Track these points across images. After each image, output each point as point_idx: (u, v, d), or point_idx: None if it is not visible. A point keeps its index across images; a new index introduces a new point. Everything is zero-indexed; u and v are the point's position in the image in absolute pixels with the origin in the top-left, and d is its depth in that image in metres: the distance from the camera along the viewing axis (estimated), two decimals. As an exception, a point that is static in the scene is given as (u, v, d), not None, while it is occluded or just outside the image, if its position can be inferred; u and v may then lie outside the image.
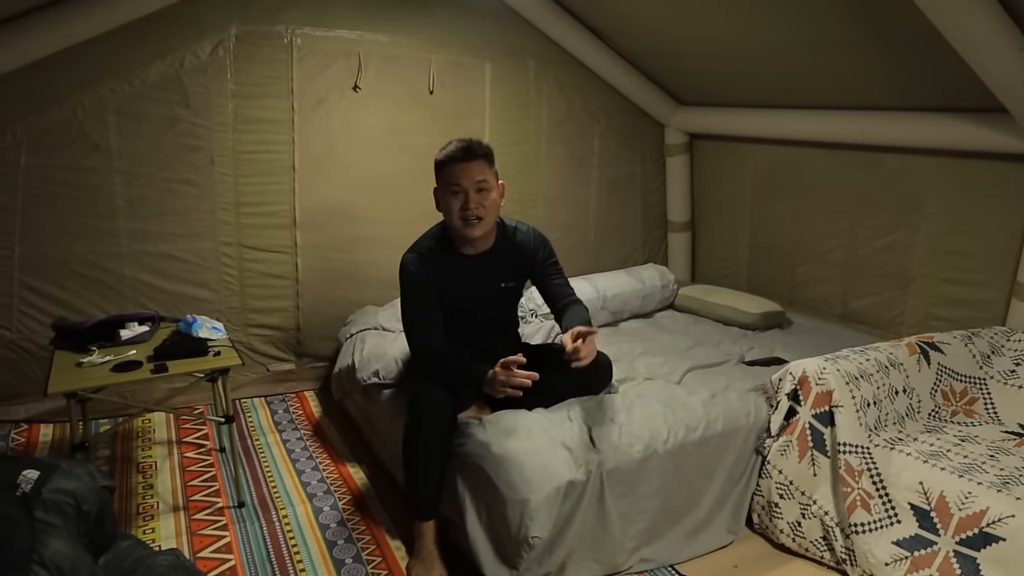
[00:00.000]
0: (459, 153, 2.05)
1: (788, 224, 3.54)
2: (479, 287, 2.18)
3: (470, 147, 2.06)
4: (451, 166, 2.05)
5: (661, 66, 3.65)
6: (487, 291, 2.21)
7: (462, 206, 2.04)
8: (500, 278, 2.22)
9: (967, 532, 1.75)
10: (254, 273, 3.06)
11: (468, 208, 2.04)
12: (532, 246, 2.24)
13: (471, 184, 2.03)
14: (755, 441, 2.24)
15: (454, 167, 2.04)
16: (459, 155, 2.05)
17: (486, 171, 2.07)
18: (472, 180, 2.03)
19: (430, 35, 3.22)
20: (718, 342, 2.99)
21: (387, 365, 2.51)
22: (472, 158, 2.05)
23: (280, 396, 3.18)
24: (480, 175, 2.05)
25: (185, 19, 2.74)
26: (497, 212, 2.14)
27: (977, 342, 2.36)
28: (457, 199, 2.05)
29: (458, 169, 2.04)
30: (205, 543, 2.09)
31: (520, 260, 2.23)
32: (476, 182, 2.04)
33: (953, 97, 2.60)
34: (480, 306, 2.21)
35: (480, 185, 2.04)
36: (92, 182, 2.72)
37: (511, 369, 1.92)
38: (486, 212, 2.07)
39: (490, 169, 2.09)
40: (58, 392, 1.97)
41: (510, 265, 2.22)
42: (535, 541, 1.82)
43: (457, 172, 2.04)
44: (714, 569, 2.07)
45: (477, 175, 2.04)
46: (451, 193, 2.05)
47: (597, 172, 3.84)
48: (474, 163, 2.04)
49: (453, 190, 2.05)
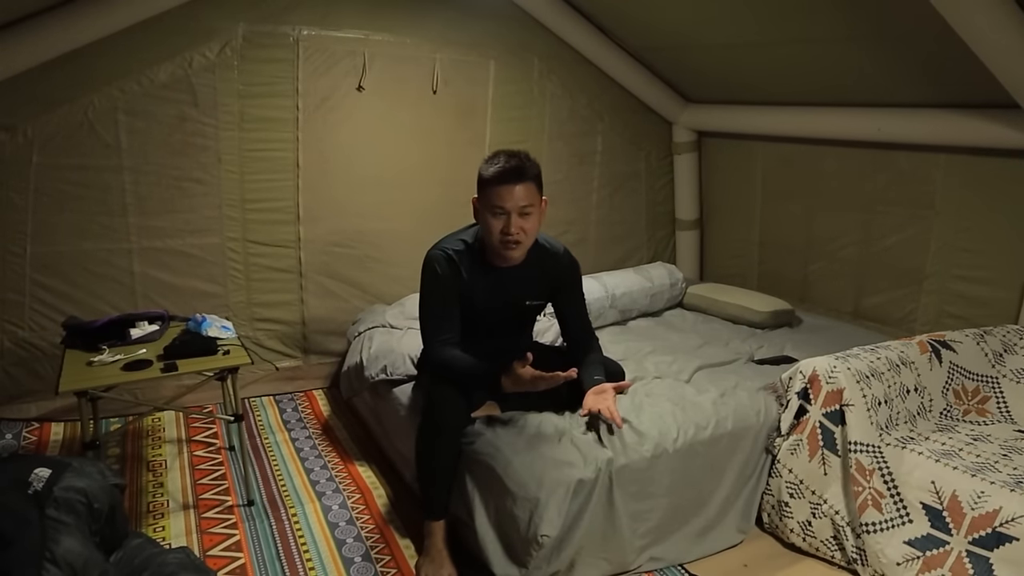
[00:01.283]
0: (509, 175, 1.90)
1: (798, 222, 3.52)
2: (504, 300, 2.11)
3: (521, 168, 1.91)
4: (496, 186, 1.90)
5: (669, 63, 3.63)
6: (510, 305, 2.14)
7: (503, 229, 1.93)
8: (526, 295, 2.14)
9: (980, 532, 1.74)
10: (259, 267, 3.08)
11: (509, 233, 1.93)
12: (563, 268, 2.16)
13: (515, 208, 1.91)
14: (765, 440, 2.23)
15: (499, 188, 1.90)
16: (509, 176, 1.90)
17: (533, 194, 1.94)
18: (517, 204, 1.91)
19: (434, 34, 3.21)
20: (727, 341, 2.97)
21: (395, 361, 2.51)
22: (521, 180, 1.90)
23: (289, 395, 3.19)
24: (526, 199, 1.92)
25: (193, 20, 2.75)
26: (536, 233, 2.03)
27: (989, 340, 2.34)
28: (499, 221, 1.93)
29: (504, 191, 1.90)
30: (215, 541, 2.10)
31: (549, 279, 2.15)
32: (521, 207, 1.91)
33: (966, 94, 2.57)
34: (500, 318, 2.15)
35: (525, 210, 1.92)
36: (102, 180, 2.74)
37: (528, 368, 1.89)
38: (527, 236, 1.96)
39: (537, 191, 1.96)
40: (69, 391, 1.98)
41: (539, 283, 2.14)
42: (544, 540, 1.81)
43: (503, 194, 1.90)
44: (724, 568, 2.06)
45: (523, 199, 1.91)
46: (493, 214, 1.93)
47: (600, 170, 3.83)
48: (522, 185, 1.91)
49: (496, 211, 1.92)
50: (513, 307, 2.16)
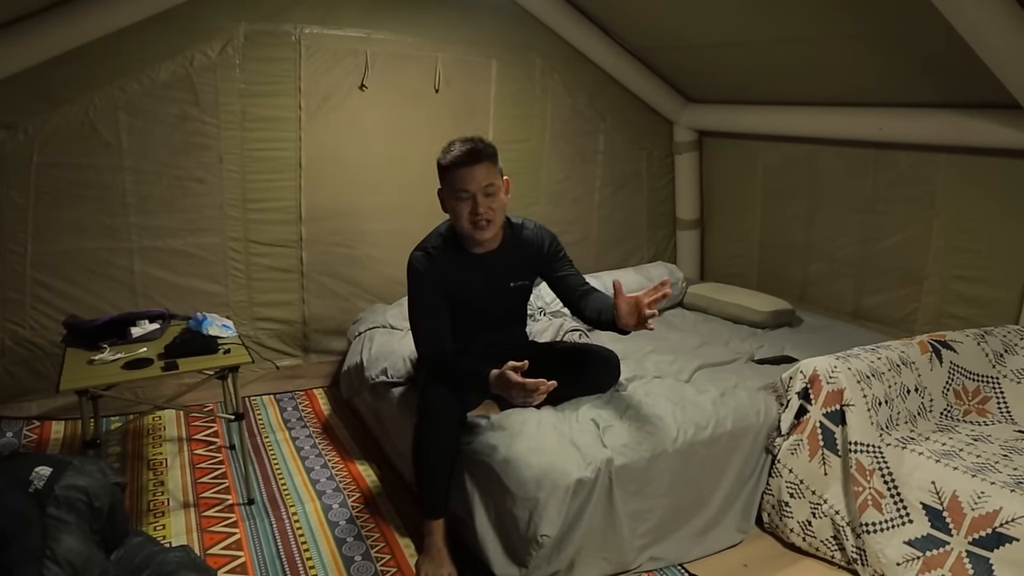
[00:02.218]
0: (464, 157, 1.97)
1: (799, 221, 3.52)
2: (488, 286, 2.15)
3: (475, 149, 1.98)
4: (457, 170, 1.98)
5: (670, 62, 3.63)
6: (496, 290, 2.18)
7: (471, 211, 1.99)
8: (509, 277, 2.18)
9: (980, 532, 1.74)
10: (260, 267, 3.08)
11: (478, 213, 1.99)
12: (539, 242, 2.20)
13: (479, 188, 1.98)
14: (765, 440, 2.23)
15: (460, 171, 1.97)
16: (464, 159, 1.97)
17: (492, 173, 2.01)
18: (479, 184, 1.97)
19: (436, 33, 3.21)
20: (727, 340, 2.98)
21: (395, 363, 2.51)
22: (478, 160, 1.97)
23: (289, 394, 3.19)
24: (487, 178, 1.98)
25: (195, 18, 2.75)
26: (504, 211, 2.09)
27: (990, 340, 2.34)
28: (466, 204, 1.99)
29: (464, 173, 1.97)
30: (215, 540, 2.10)
31: (529, 257, 2.20)
32: (484, 186, 1.98)
33: (967, 93, 2.57)
34: (489, 305, 2.19)
35: (488, 189, 1.99)
36: (103, 179, 2.74)
37: (518, 375, 1.89)
38: (495, 214, 2.02)
39: (495, 169, 2.03)
40: (70, 389, 1.98)
41: (519, 263, 2.19)
42: (544, 539, 1.82)
43: (464, 177, 1.97)
44: (724, 568, 2.07)
45: (484, 179, 1.98)
46: (458, 198, 1.99)
47: (602, 170, 3.83)
48: (480, 166, 1.98)
49: (460, 195, 1.99)
50: (500, 291, 2.19)
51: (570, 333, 2.79)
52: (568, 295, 2.24)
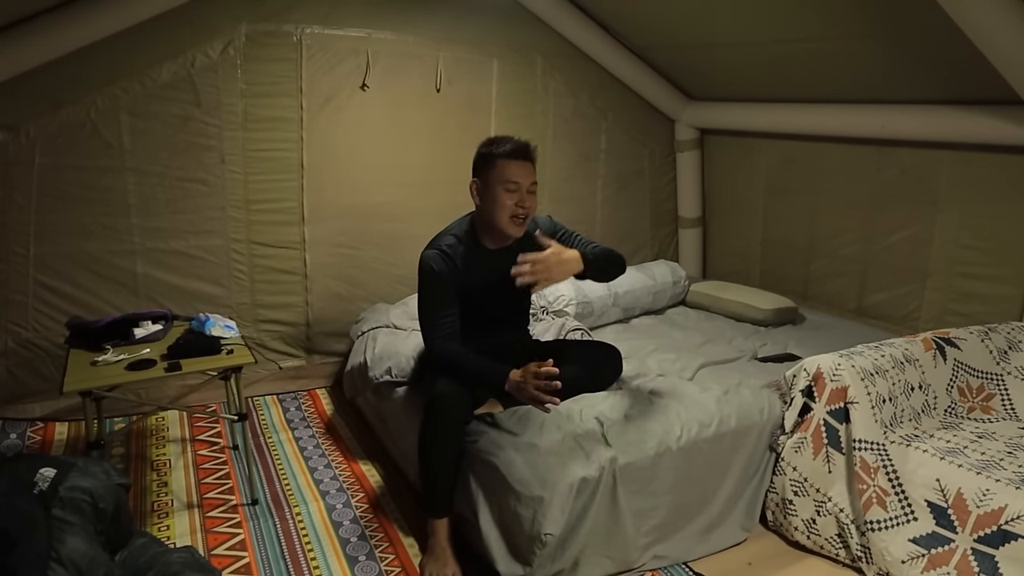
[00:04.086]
0: (520, 152, 2.07)
1: (801, 219, 3.51)
2: (500, 282, 2.13)
3: (528, 148, 2.09)
4: (510, 163, 2.06)
5: (671, 61, 3.62)
6: (507, 285, 2.16)
7: (517, 203, 2.06)
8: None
9: (985, 530, 1.73)
10: (263, 269, 3.08)
11: (524, 207, 2.06)
12: (547, 230, 2.20)
13: (527, 184, 2.06)
14: (769, 438, 2.22)
15: (513, 164, 2.05)
16: (520, 153, 2.07)
17: (535, 174, 2.11)
18: (528, 180, 2.07)
19: (438, 33, 3.21)
20: (730, 338, 2.97)
21: (399, 363, 2.51)
22: (529, 158, 2.08)
23: (292, 394, 3.19)
24: (533, 177, 2.09)
25: (196, 19, 2.75)
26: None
27: (994, 338, 2.34)
28: (512, 196, 2.06)
29: (518, 167, 2.05)
30: (219, 540, 2.10)
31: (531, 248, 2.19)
32: (530, 183, 2.08)
33: (970, 90, 2.57)
34: (497, 301, 2.20)
35: (532, 188, 2.09)
36: (105, 181, 2.74)
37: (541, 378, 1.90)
38: (531, 212, 2.11)
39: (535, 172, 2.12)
40: (73, 390, 1.98)
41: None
42: (548, 538, 1.81)
43: (516, 170, 2.05)
44: (728, 566, 2.06)
45: (532, 176, 2.08)
46: (506, 190, 2.06)
47: (604, 169, 3.83)
48: (530, 164, 2.09)
49: (509, 187, 2.05)
50: (510, 287, 2.15)
51: (572, 332, 2.79)
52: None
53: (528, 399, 1.93)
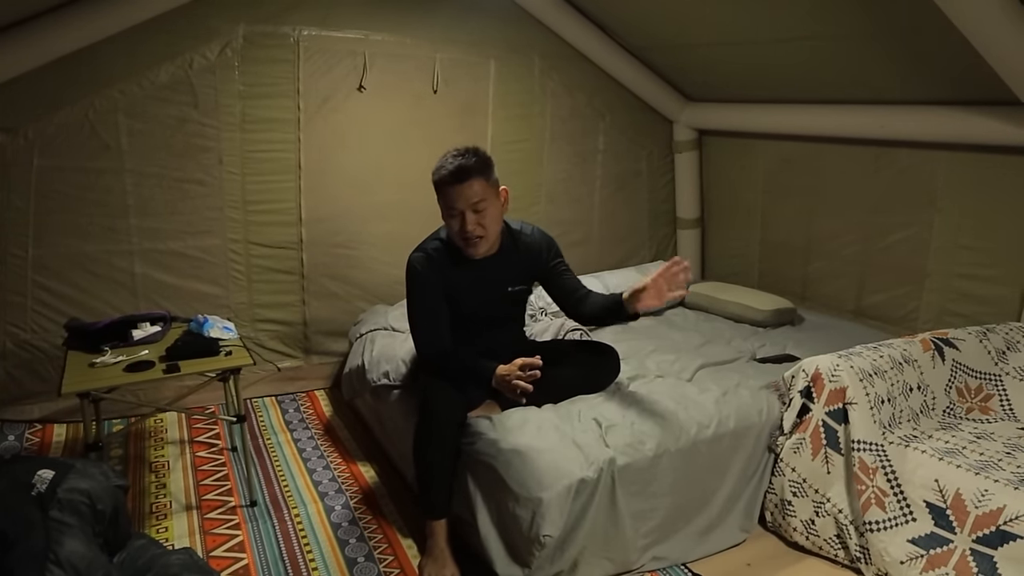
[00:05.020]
0: (451, 176, 1.94)
1: (800, 220, 3.51)
2: (487, 291, 2.16)
3: (463, 167, 1.94)
4: (445, 188, 1.97)
5: (669, 61, 3.63)
6: (495, 293, 2.18)
7: (460, 227, 1.99)
8: (508, 282, 2.19)
9: (984, 530, 1.73)
10: (261, 269, 3.08)
11: (466, 230, 1.98)
12: (539, 247, 2.21)
13: (467, 206, 1.96)
14: (768, 439, 2.22)
15: (447, 189, 1.96)
16: (451, 177, 1.94)
17: (483, 188, 1.97)
18: (468, 202, 1.95)
19: (435, 34, 3.21)
20: (729, 339, 2.97)
21: (396, 366, 2.51)
22: (466, 178, 1.94)
23: (291, 395, 3.19)
24: (476, 195, 1.95)
25: (193, 20, 2.75)
26: (500, 222, 2.08)
27: (992, 338, 2.34)
28: (455, 221, 1.99)
29: (453, 192, 1.95)
30: (218, 542, 2.10)
31: (528, 262, 2.20)
32: (473, 203, 1.96)
33: (967, 90, 2.57)
34: (487, 308, 2.19)
35: (477, 206, 1.97)
36: (103, 182, 2.74)
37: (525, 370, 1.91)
38: (486, 230, 2.01)
39: (487, 184, 1.99)
40: (72, 392, 1.98)
41: (518, 268, 2.19)
42: (547, 539, 1.81)
43: (452, 195, 1.96)
44: (727, 567, 2.06)
45: (473, 196, 1.95)
46: (449, 215, 2.00)
47: (602, 169, 3.83)
48: (468, 183, 1.94)
49: (450, 212, 1.99)
50: (498, 296, 2.19)
51: (571, 332, 2.79)
52: (566, 298, 2.24)
53: (509, 391, 1.93)
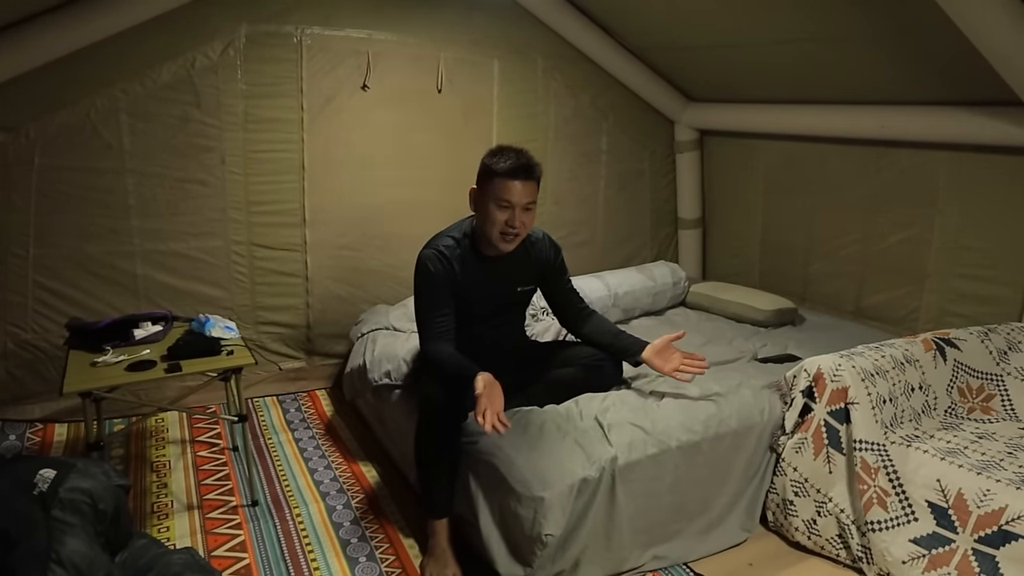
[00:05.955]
0: (520, 171, 2.00)
1: (801, 220, 3.51)
2: (496, 289, 2.18)
3: (530, 166, 2.02)
4: (507, 181, 2.00)
5: (671, 62, 3.63)
6: (503, 293, 2.21)
7: (507, 221, 2.02)
8: (518, 282, 2.23)
9: (986, 530, 1.73)
10: (264, 271, 3.08)
11: (513, 225, 2.03)
12: (546, 252, 2.27)
13: (521, 203, 2.02)
14: (769, 438, 2.22)
15: (509, 182, 2.00)
16: (519, 172, 2.00)
17: (535, 192, 2.06)
18: (523, 200, 2.02)
19: (438, 33, 3.21)
20: (730, 339, 2.97)
21: (397, 366, 2.51)
22: (530, 177, 2.02)
23: (292, 395, 3.19)
24: (530, 196, 2.04)
25: (196, 20, 2.75)
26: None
27: (994, 338, 2.34)
28: (504, 213, 2.02)
29: (513, 186, 2.00)
30: (219, 541, 2.10)
31: (537, 265, 2.25)
32: (526, 202, 2.03)
33: (968, 90, 2.57)
34: (494, 306, 2.21)
35: (528, 206, 2.04)
36: (105, 182, 2.74)
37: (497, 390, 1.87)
38: (525, 230, 2.08)
39: (537, 188, 2.07)
40: (73, 392, 1.98)
41: (528, 269, 2.23)
42: (548, 539, 1.81)
43: (511, 188, 2.00)
44: (729, 567, 2.06)
45: (528, 195, 2.03)
46: (498, 206, 2.02)
47: (606, 169, 3.83)
48: (530, 182, 2.02)
49: (502, 204, 2.01)
50: (507, 294, 2.23)
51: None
52: (567, 310, 2.32)
53: (480, 410, 1.84)
